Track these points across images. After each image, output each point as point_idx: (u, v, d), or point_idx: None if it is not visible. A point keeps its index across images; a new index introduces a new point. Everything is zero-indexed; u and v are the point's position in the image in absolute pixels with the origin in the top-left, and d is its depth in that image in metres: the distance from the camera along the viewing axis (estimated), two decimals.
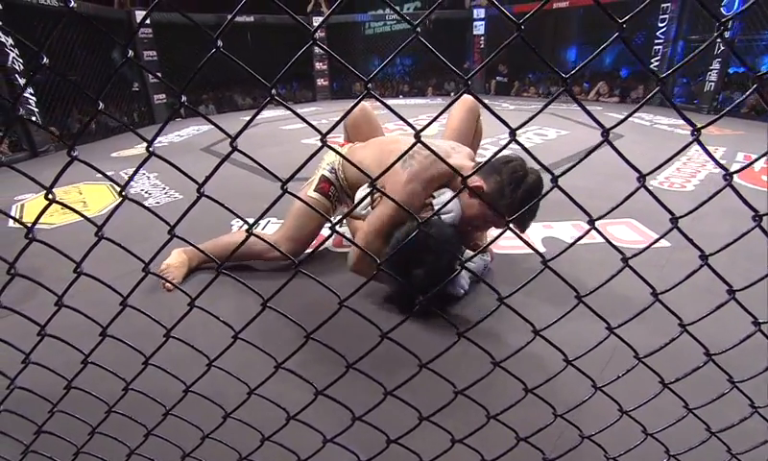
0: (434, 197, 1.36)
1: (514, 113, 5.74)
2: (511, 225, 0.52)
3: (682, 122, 4.65)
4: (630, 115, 0.48)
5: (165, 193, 2.64)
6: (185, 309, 0.57)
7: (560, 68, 0.48)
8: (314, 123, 0.52)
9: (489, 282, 0.61)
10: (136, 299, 1.48)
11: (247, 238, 0.54)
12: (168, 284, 1.49)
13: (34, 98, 4.18)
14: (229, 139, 0.45)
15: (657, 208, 0.50)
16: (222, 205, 0.51)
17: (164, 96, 6.31)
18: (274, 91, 0.44)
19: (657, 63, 6.00)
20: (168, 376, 0.64)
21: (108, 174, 0.51)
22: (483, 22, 7.89)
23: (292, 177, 0.46)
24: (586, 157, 0.51)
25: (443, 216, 1.37)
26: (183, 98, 0.45)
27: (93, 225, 0.50)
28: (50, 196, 0.46)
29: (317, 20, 7.87)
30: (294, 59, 0.49)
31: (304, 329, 0.56)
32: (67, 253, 0.51)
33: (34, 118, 4.11)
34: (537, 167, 1.17)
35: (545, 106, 0.47)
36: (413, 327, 1.25)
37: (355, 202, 1.52)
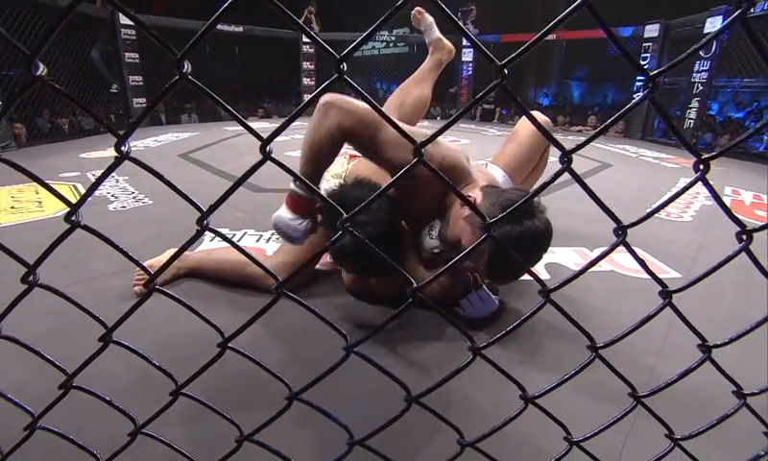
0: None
1: (501, 139, 5.78)
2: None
3: (665, 155, 4.80)
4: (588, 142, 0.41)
5: (134, 198, 2.43)
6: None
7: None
8: (298, 136, 0.41)
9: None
10: (102, 303, 1.28)
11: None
12: (137, 288, 1.30)
13: None
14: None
15: (661, 237, 0.42)
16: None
17: (144, 100, 6.09)
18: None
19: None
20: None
21: (74, 175, 0.39)
22: (471, 49, 8.02)
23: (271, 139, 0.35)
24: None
25: (431, 232, 1.22)
26: None
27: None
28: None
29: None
30: None
31: (289, 388, 0.43)
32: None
33: None
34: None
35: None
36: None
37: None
